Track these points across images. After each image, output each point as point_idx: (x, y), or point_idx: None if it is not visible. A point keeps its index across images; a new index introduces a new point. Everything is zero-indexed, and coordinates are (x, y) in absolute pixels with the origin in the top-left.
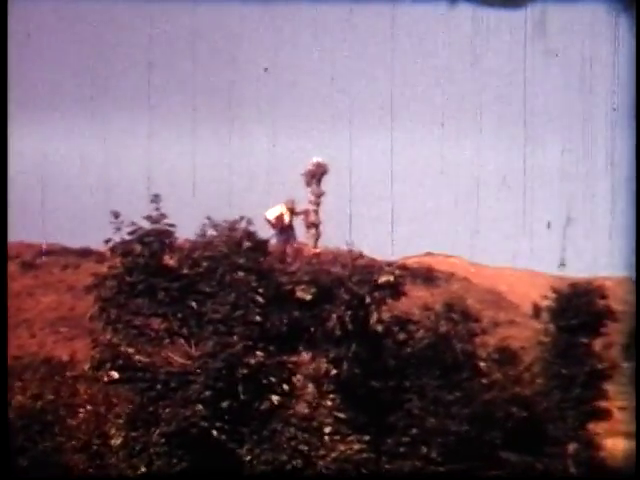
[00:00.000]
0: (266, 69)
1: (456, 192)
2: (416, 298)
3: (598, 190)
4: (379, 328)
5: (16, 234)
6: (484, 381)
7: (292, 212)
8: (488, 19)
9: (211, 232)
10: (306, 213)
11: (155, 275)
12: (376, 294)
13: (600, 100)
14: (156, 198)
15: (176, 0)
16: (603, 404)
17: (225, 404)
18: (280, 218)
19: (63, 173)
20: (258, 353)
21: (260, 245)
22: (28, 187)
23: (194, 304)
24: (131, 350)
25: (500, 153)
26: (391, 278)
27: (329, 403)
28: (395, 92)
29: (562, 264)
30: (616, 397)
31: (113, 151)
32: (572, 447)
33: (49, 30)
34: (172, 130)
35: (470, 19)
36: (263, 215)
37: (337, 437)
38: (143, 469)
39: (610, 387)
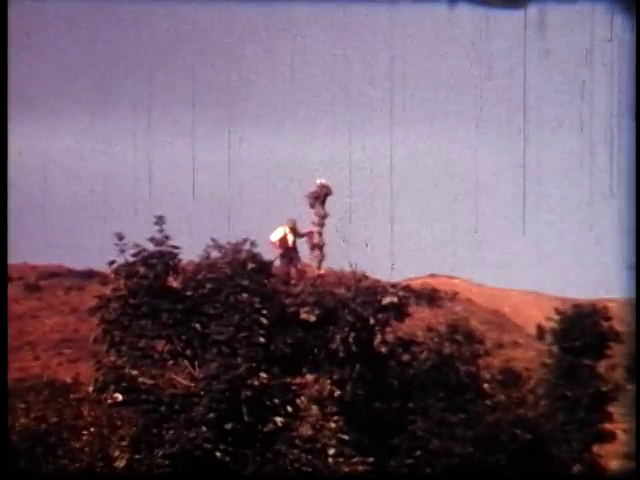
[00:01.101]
0: None
1: (458, 210)
2: (420, 319)
3: (597, 196)
4: (383, 349)
5: (20, 256)
6: (488, 403)
7: (295, 233)
8: (488, 19)
9: (215, 254)
10: (310, 234)
11: (159, 297)
12: (380, 315)
13: (600, 100)
14: (160, 220)
15: (176, 2)
16: (607, 426)
17: (229, 426)
18: (284, 239)
19: (64, 189)
20: (262, 375)
21: (264, 267)
22: (31, 205)
23: (198, 326)
24: (135, 372)
25: (501, 161)
26: (395, 299)
27: (333, 425)
28: (394, 94)
29: None
30: (620, 419)
31: (112, 159)
32: (576, 469)
33: (49, 30)
34: (171, 131)
35: (470, 19)
36: (268, 239)
37: (341, 459)
38: None
39: (614, 409)
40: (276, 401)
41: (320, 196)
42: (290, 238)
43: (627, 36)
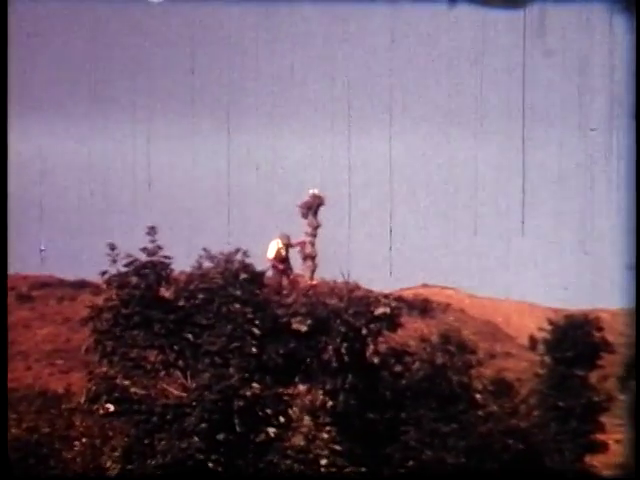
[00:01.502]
0: None
1: (454, 218)
2: (412, 330)
3: (597, 196)
4: (375, 360)
5: (12, 266)
6: (480, 413)
7: (287, 246)
8: (488, 19)
9: (207, 264)
10: (302, 245)
11: (151, 307)
12: (372, 326)
13: (600, 100)
14: (152, 230)
15: (176, 2)
16: (600, 437)
17: (221, 436)
18: (279, 254)
19: (61, 193)
20: (254, 385)
21: (256, 277)
22: (25, 215)
23: (190, 336)
24: (127, 382)
25: (500, 162)
26: (387, 310)
27: (325, 435)
28: (395, 95)
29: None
30: (613, 430)
31: (113, 162)
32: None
33: (49, 30)
34: (171, 133)
35: (470, 19)
36: (263, 250)
37: (333, 469)
38: None
39: (607, 420)
40: (268, 411)
41: (312, 206)
42: (283, 252)
43: (627, 36)
